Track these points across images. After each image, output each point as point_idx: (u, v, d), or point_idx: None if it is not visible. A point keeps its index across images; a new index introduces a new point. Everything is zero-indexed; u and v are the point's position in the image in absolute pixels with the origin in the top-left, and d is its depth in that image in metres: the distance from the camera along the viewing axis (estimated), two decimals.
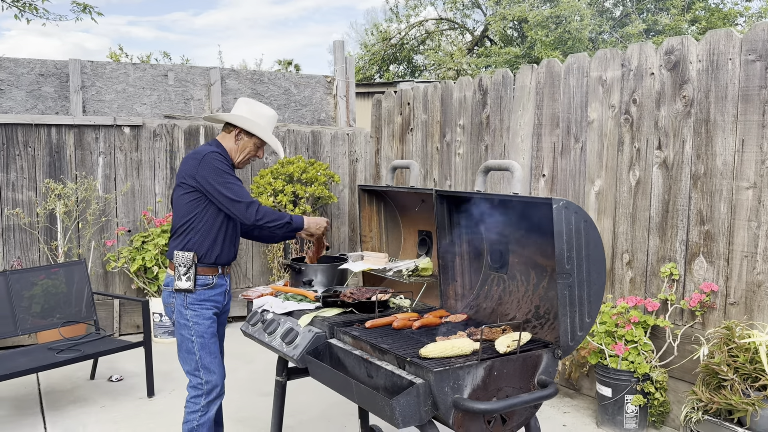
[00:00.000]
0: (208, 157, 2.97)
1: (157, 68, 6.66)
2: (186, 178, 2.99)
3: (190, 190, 2.99)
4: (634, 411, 3.95)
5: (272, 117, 3.21)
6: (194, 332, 3.02)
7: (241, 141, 3.12)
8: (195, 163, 2.97)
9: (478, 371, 2.21)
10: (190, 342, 3.03)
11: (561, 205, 2.29)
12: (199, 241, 3.01)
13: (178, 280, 3.00)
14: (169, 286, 3.10)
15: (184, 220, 3.02)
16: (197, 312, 3.03)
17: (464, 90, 5.58)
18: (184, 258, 3.00)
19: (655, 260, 4.11)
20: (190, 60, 21.36)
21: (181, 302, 3.03)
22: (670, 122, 3.99)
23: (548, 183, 4.83)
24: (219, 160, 2.97)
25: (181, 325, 3.04)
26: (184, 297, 3.02)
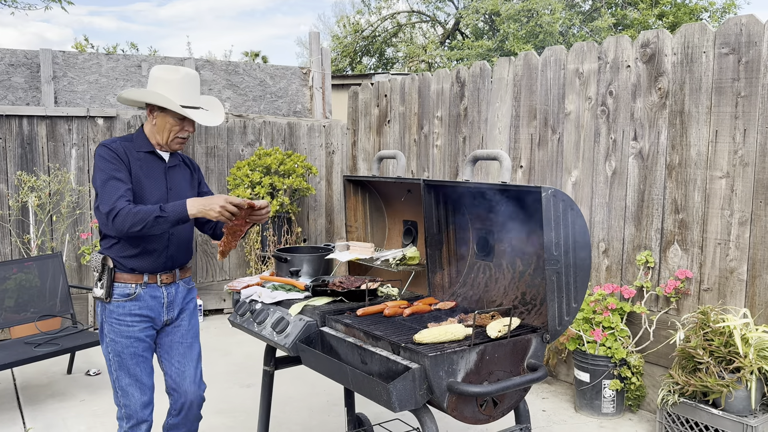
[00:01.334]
0: (96, 151, 2.62)
1: (130, 59, 6.56)
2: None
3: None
4: (611, 395, 4.06)
5: (183, 79, 2.65)
6: (110, 349, 2.67)
7: (157, 119, 2.66)
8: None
9: (471, 356, 2.26)
10: (107, 359, 2.71)
11: (549, 193, 2.35)
12: (113, 244, 2.64)
13: (95, 286, 2.68)
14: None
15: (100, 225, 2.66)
16: (114, 327, 2.65)
17: (442, 82, 5.63)
18: (96, 261, 2.67)
19: (631, 248, 4.22)
20: (157, 51, 21.01)
21: (100, 312, 2.70)
22: (645, 114, 4.10)
23: (526, 174, 4.91)
24: (100, 154, 2.58)
25: (102, 337, 2.71)
26: (102, 307, 2.68)
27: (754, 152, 3.55)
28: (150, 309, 2.71)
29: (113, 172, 2.53)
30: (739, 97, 3.60)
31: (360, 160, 6.75)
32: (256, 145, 6.68)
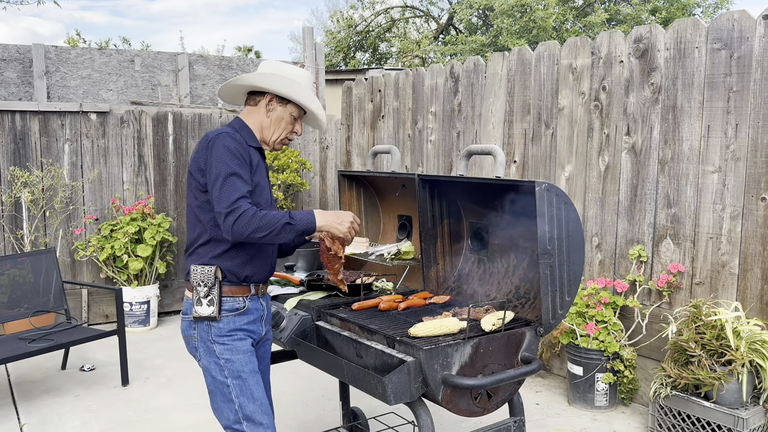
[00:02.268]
0: (217, 139, 2.22)
1: (123, 54, 6.53)
2: (195, 171, 2.28)
3: (202, 188, 2.27)
4: (604, 389, 4.09)
5: (309, 78, 2.46)
6: (227, 372, 2.27)
7: (275, 112, 2.36)
8: (203, 150, 2.26)
9: (466, 349, 2.28)
10: (224, 386, 2.27)
11: (543, 187, 2.36)
12: (223, 251, 2.29)
13: (198, 305, 2.27)
14: (187, 313, 2.35)
15: (199, 227, 2.30)
16: (228, 345, 2.29)
17: (436, 77, 5.64)
18: (203, 274, 2.26)
19: (624, 243, 4.25)
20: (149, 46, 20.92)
21: (206, 335, 2.29)
22: (638, 109, 4.12)
23: (519, 169, 4.93)
24: (226, 145, 2.21)
25: (210, 364, 2.29)
26: (207, 328, 2.29)
27: (745, 147, 3.57)
28: (255, 323, 2.39)
29: (237, 168, 2.19)
30: (731, 92, 3.62)
31: (354, 156, 6.75)
32: None
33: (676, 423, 3.56)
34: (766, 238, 3.51)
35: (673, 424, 3.58)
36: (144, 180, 6.19)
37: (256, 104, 2.39)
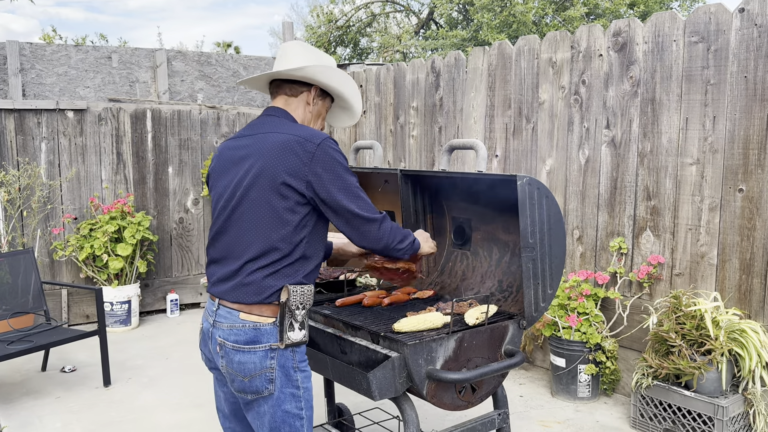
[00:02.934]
0: (325, 146, 2.01)
1: (99, 50, 6.45)
2: (288, 177, 1.99)
3: (295, 197, 2.01)
4: (586, 380, 4.13)
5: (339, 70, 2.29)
6: (304, 403, 2.08)
7: (316, 106, 2.21)
8: (304, 154, 1.99)
9: (450, 343, 2.29)
10: (297, 420, 2.07)
11: (525, 181, 2.37)
12: (312, 269, 2.11)
13: (290, 331, 2.02)
14: (259, 342, 2.02)
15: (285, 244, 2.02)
16: (306, 372, 2.10)
17: (417, 72, 5.63)
18: (303, 295, 2.03)
19: (605, 235, 4.29)
20: (127, 42, 20.67)
21: (290, 362, 2.05)
22: (617, 102, 4.15)
23: (501, 163, 4.95)
24: (339, 154, 2.05)
25: (286, 395, 2.05)
26: (292, 354, 2.06)
27: (723, 139, 3.62)
28: None
29: (356, 178, 2.12)
30: (709, 84, 3.66)
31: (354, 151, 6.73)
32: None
33: (658, 412, 3.61)
34: (743, 228, 3.56)
35: (655, 414, 3.63)
36: (123, 178, 6.13)
37: (295, 95, 2.18)
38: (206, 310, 2.19)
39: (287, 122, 2.13)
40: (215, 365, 2.18)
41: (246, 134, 2.17)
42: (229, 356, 2.04)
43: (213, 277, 2.13)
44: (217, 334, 2.07)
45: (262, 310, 2.03)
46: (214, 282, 2.12)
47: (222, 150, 2.22)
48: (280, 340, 2.02)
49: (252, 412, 2.09)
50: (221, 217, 2.11)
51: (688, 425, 3.46)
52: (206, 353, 2.21)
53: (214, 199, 2.20)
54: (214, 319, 2.10)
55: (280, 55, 2.23)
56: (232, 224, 2.06)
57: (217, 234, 2.12)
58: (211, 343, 2.12)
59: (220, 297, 2.07)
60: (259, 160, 2.03)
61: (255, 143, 2.09)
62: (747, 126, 3.51)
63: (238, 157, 2.11)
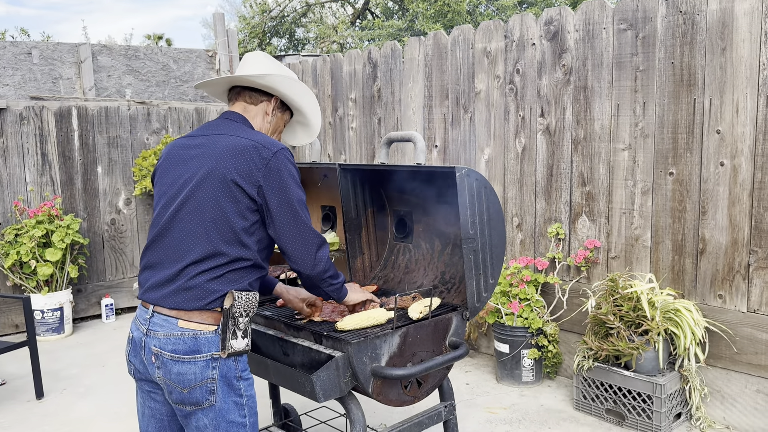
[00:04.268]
0: (281, 156, 1.98)
1: (18, 45, 6.11)
2: (239, 177, 1.94)
3: (246, 201, 1.96)
4: (530, 364, 4.20)
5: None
6: (248, 410, 2.01)
7: (275, 117, 2.19)
8: (259, 160, 1.95)
9: (394, 339, 2.26)
10: (241, 428, 2.00)
11: (463, 173, 2.36)
12: (259, 277, 2.06)
13: (233, 339, 1.92)
14: (199, 351, 1.93)
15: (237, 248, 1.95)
16: (249, 380, 2.03)
17: (354, 63, 5.57)
18: (248, 302, 1.95)
19: (543, 222, 4.36)
20: (51, 37, 19.74)
21: (232, 371, 1.97)
22: (551, 90, 4.21)
23: (440, 153, 4.96)
24: (294, 166, 2.02)
25: (229, 405, 1.97)
26: (234, 363, 1.98)
27: (653, 124, 3.72)
28: None
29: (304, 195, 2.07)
30: (638, 71, 3.75)
31: None
32: (162, 132, 6.40)
33: (599, 393, 3.69)
34: (675, 211, 3.67)
35: (597, 395, 3.71)
36: (49, 179, 5.84)
37: (255, 104, 2.15)
38: (136, 318, 2.07)
39: (245, 128, 2.08)
40: (146, 376, 2.06)
41: (199, 134, 2.10)
42: (166, 366, 1.94)
43: (147, 283, 2.02)
44: (152, 343, 1.96)
45: (203, 317, 1.94)
46: (149, 288, 2.00)
47: (171, 148, 2.13)
48: (222, 349, 1.92)
49: (191, 427, 1.99)
50: (162, 216, 2.01)
51: (628, 404, 3.56)
52: (136, 363, 2.07)
53: (156, 197, 2.11)
54: (147, 327, 1.98)
55: (242, 63, 2.20)
56: (175, 225, 1.97)
57: (157, 237, 2.01)
58: (145, 352, 2.00)
59: (156, 303, 1.96)
60: (210, 161, 1.97)
61: (208, 143, 2.02)
62: (675, 111, 3.61)
63: (187, 156, 2.03)
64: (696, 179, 3.56)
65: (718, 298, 3.53)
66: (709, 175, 3.51)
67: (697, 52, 3.49)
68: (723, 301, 3.51)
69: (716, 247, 3.52)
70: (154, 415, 2.11)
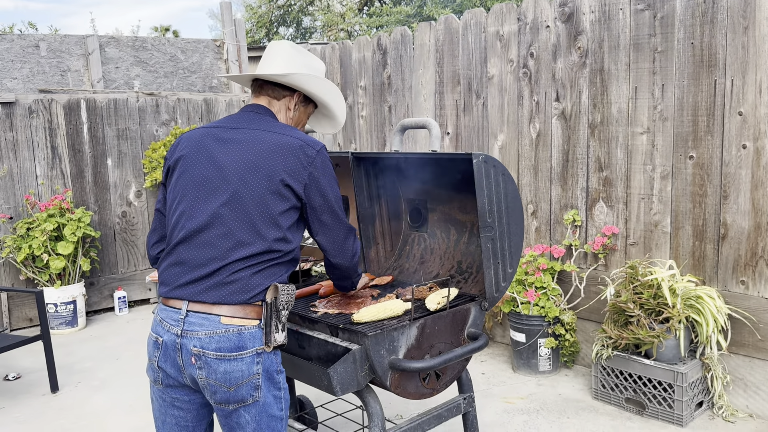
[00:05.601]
0: (324, 154, 2.00)
1: (26, 38, 6.07)
2: (288, 177, 1.92)
3: (293, 199, 1.95)
4: (547, 353, 4.14)
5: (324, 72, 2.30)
6: (284, 403, 1.98)
7: (298, 112, 2.17)
8: (304, 158, 1.95)
9: (412, 331, 2.21)
10: (279, 421, 1.97)
11: (481, 159, 2.30)
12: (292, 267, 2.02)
13: (275, 332, 1.90)
14: (245, 348, 1.88)
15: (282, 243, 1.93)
16: (284, 372, 2.01)
17: (363, 50, 5.49)
18: (289, 296, 1.92)
19: (558, 208, 4.28)
20: (59, 30, 19.73)
21: (274, 365, 1.94)
22: (566, 74, 4.11)
23: (453, 141, 4.88)
24: (331, 164, 2.06)
25: (269, 399, 1.93)
26: (274, 357, 1.94)
27: (672, 107, 3.62)
28: None
29: None
30: (656, 52, 3.65)
31: None
32: (172, 124, 6.36)
33: (619, 382, 3.63)
34: (695, 195, 3.58)
35: (616, 384, 3.65)
36: (60, 173, 5.81)
37: (279, 98, 2.12)
38: (163, 321, 1.95)
39: (277, 123, 2.07)
40: (177, 382, 1.97)
41: (232, 126, 2.05)
42: (210, 366, 1.86)
43: (179, 280, 1.91)
44: (191, 344, 1.86)
45: (246, 312, 1.88)
46: (181, 284, 1.90)
47: (199, 138, 2.04)
48: (266, 343, 1.89)
49: (230, 424, 1.94)
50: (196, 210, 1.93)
51: (648, 393, 3.50)
52: (167, 368, 1.95)
53: (180, 188, 1.99)
54: (182, 328, 1.87)
55: (266, 55, 2.16)
56: (217, 221, 1.90)
57: (195, 232, 1.91)
58: (182, 355, 1.89)
59: (192, 299, 1.87)
60: (254, 156, 1.93)
61: (247, 138, 1.98)
62: (695, 92, 3.52)
63: (224, 150, 1.97)
64: (717, 162, 3.47)
65: (740, 285, 3.45)
66: (730, 158, 3.42)
67: (718, 31, 3.39)
68: (746, 288, 3.43)
69: (738, 232, 3.43)
70: (178, 423, 2.03)
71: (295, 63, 2.12)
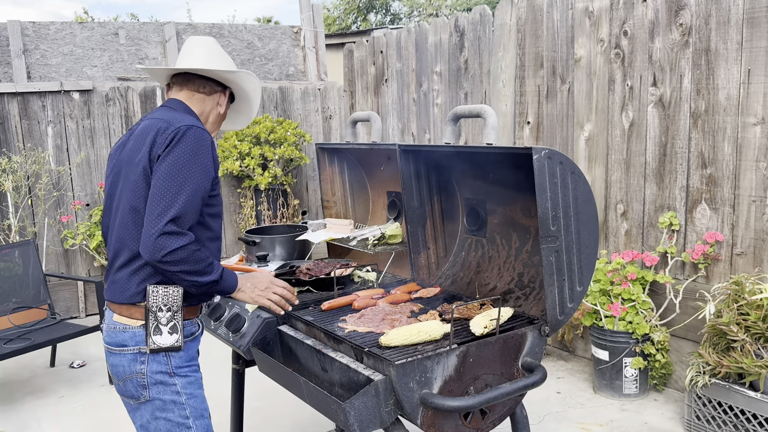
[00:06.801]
0: (188, 134, 1.83)
1: (106, 26, 6.12)
2: (147, 159, 1.85)
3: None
4: (633, 375, 3.63)
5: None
6: (190, 412, 1.90)
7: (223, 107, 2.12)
8: (166, 136, 1.84)
9: (450, 359, 1.85)
10: (184, 429, 1.90)
11: (543, 155, 1.89)
12: None
13: (156, 334, 1.85)
14: (125, 345, 1.89)
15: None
16: (191, 378, 1.92)
17: (439, 32, 5.11)
18: (167, 296, 1.86)
19: (653, 210, 3.74)
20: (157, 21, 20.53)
21: (164, 367, 1.89)
22: (665, 55, 3.56)
23: (533, 131, 4.41)
24: (205, 146, 1.86)
25: (167, 404, 1.89)
26: (165, 359, 1.89)
27: None
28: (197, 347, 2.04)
29: (204, 181, 1.84)
30: None
31: (359, 125, 6.28)
32: None
33: (717, 414, 3.10)
34: None
35: (713, 416, 3.12)
36: None
37: (209, 93, 2.07)
38: None
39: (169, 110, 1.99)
40: None
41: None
42: (107, 357, 1.97)
43: None
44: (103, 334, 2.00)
45: (131, 312, 1.90)
46: None
47: None
48: (146, 344, 1.88)
49: (137, 422, 1.95)
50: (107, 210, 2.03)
51: (752, 430, 2.95)
52: None
53: None
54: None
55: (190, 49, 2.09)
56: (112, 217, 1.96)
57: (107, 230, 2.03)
58: None
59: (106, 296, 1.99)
60: (125, 149, 1.96)
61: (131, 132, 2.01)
62: None
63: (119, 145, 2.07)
64: None
65: None
66: None
67: None
68: None
69: None
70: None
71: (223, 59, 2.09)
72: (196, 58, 2.04)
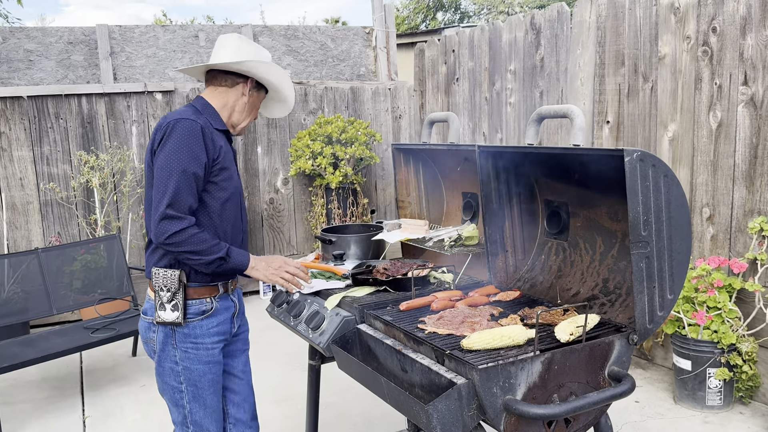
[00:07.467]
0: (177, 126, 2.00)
1: (187, 29, 6.33)
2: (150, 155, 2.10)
3: None
4: (717, 386, 3.48)
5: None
6: (184, 379, 2.16)
7: (251, 97, 2.24)
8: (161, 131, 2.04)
9: (534, 366, 1.81)
10: (177, 392, 2.18)
11: (635, 157, 1.83)
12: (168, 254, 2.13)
13: (161, 309, 2.10)
14: (147, 314, 2.19)
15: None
16: (190, 354, 2.14)
17: (514, 30, 5.03)
18: (166, 278, 2.08)
19: (742, 214, 3.56)
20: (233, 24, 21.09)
21: (169, 338, 2.13)
22: (758, 52, 3.38)
23: (613, 131, 4.28)
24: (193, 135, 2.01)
25: (166, 369, 2.16)
26: (170, 332, 2.12)
27: None
28: (226, 323, 2.23)
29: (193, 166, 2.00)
30: None
31: None
32: (318, 113, 6.33)
33: None
34: None
35: None
36: None
37: (231, 86, 2.22)
38: None
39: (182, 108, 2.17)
40: None
41: None
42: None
43: None
44: None
45: (151, 287, 2.18)
46: None
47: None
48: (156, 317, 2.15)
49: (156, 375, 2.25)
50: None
51: None
52: None
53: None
54: None
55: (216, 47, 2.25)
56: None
57: None
58: None
59: None
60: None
61: None
62: None
63: None
64: None
65: None
66: None
67: None
68: None
69: None
70: None
71: (245, 51, 2.19)
72: (218, 55, 2.20)
